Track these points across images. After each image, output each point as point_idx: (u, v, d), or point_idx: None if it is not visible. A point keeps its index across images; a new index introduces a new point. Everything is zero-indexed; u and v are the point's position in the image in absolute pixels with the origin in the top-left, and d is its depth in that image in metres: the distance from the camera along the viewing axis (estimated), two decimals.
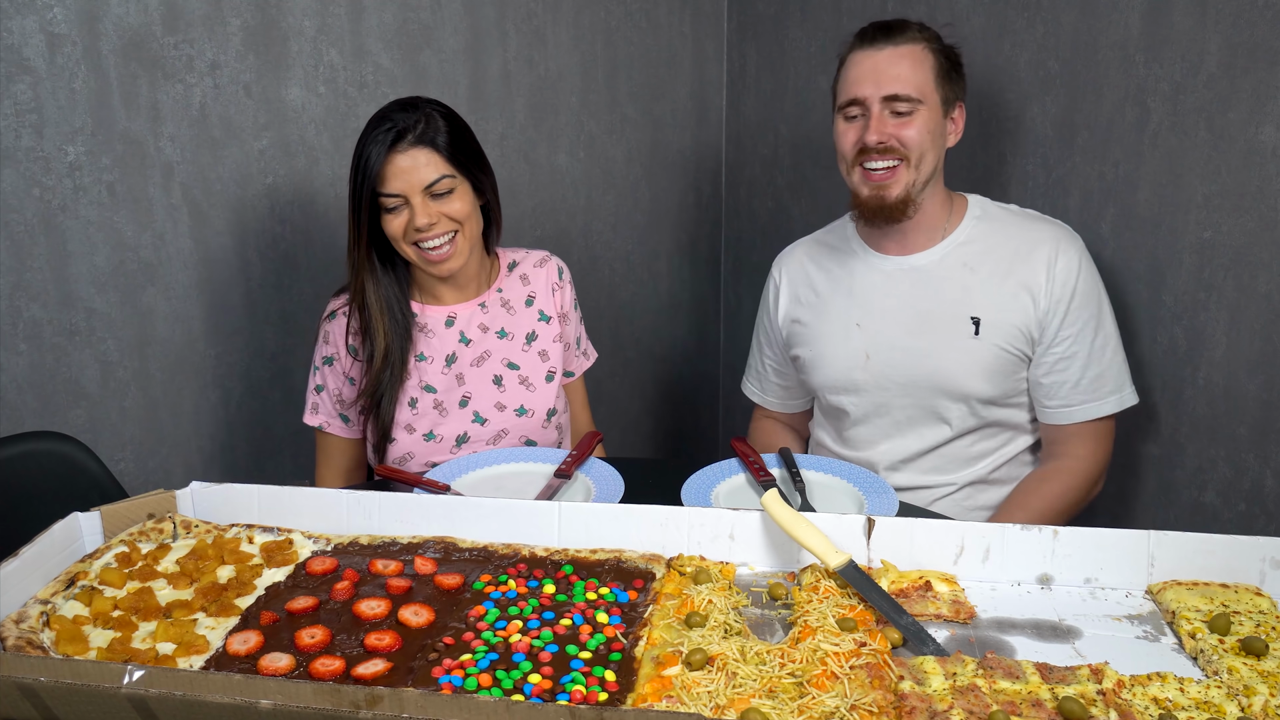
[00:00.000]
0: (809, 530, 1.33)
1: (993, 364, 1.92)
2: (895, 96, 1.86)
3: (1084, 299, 1.88)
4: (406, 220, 1.87)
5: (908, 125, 1.87)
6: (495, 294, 2.08)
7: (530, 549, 1.40)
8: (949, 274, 1.96)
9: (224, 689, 0.97)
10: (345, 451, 2.09)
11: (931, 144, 1.89)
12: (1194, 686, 1.10)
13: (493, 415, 2.01)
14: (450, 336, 2.03)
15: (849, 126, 1.94)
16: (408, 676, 1.13)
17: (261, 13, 2.40)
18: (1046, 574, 1.34)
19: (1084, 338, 1.88)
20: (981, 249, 1.95)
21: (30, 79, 2.16)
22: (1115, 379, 1.90)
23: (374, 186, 1.84)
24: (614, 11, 2.97)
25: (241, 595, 1.30)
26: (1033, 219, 1.97)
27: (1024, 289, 1.89)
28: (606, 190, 3.10)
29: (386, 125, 1.84)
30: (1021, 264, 1.91)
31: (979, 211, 2.00)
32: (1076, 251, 1.89)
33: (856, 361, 2.03)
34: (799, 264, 2.18)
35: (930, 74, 1.88)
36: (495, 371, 2.03)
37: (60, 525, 1.35)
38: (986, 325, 1.91)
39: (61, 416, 2.32)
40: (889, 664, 1.13)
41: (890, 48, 1.88)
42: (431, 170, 1.85)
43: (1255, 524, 1.73)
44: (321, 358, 2.03)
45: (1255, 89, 1.65)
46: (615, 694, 1.10)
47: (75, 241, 2.27)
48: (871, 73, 1.89)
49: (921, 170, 1.90)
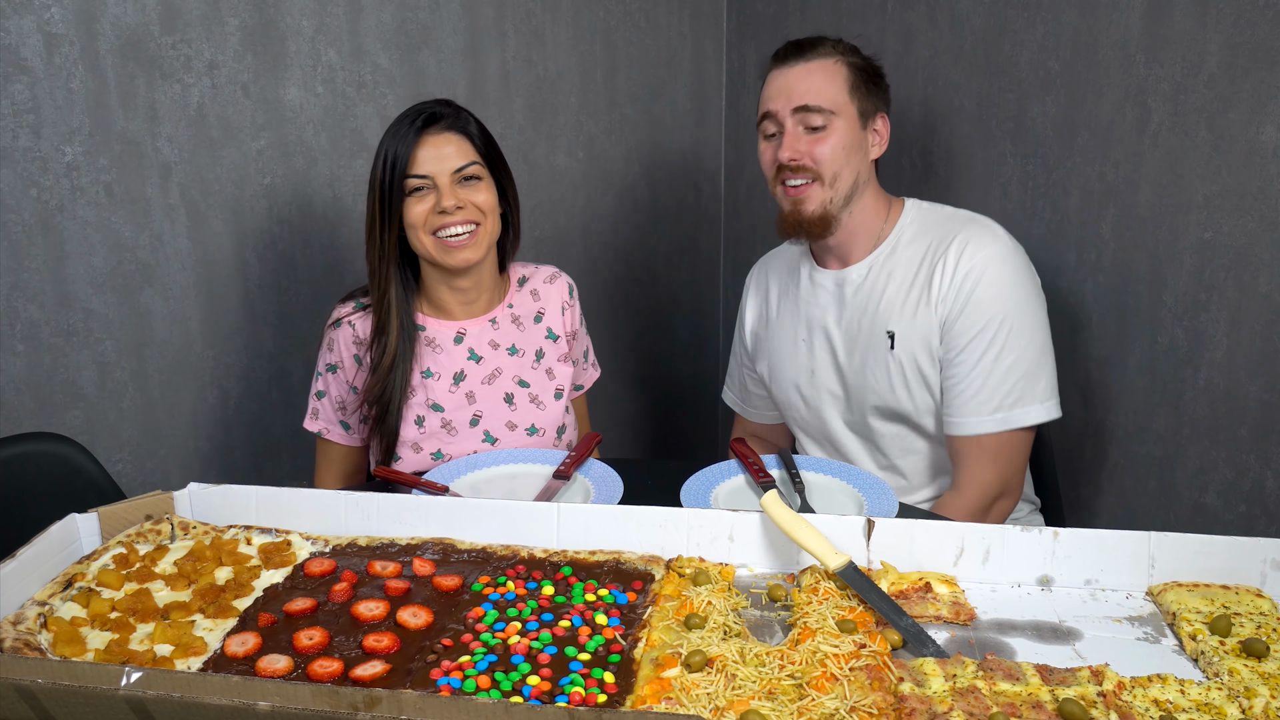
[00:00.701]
0: (808, 531, 1.32)
1: (912, 377, 1.91)
2: (806, 108, 1.87)
3: (979, 306, 1.82)
4: (430, 206, 1.85)
5: (820, 141, 1.87)
6: (506, 309, 2.05)
7: (529, 550, 1.39)
8: (874, 287, 1.95)
9: (222, 691, 0.97)
10: (345, 458, 2.07)
11: (847, 159, 1.89)
12: (1195, 688, 1.10)
13: (504, 434, 1.98)
14: (459, 353, 1.99)
15: (767, 145, 1.95)
16: (406, 678, 1.13)
17: (259, 13, 2.39)
18: (1047, 575, 1.33)
19: (973, 348, 1.83)
20: (904, 255, 1.93)
21: (28, 79, 2.16)
22: (1009, 395, 1.82)
23: (403, 169, 1.83)
24: (613, 11, 2.96)
25: (239, 597, 1.29)
26: (954, 221, 1.93)
27: (926, 294, 1.88)
28: (605, 191, 3.10)
29: (417, 112, 1.85)
30: (927, 268, 1.89)
31: (910, 217, 1.97)
32: (985, 254, 1.83)
33: (803, 378, 2.05)
34: (763, 276, 2.19)
35: (843, 86, 1.88)
36: (507, 389, 2.00)
37: (58, 527, 1.34)
38: (900, 339, 1.90)
39: (59, 417, 2.32)
40: (889, 665, 1.13)
41: (801, 64, 1.89)
42: (461, 156, 1.86)
43: (1256, 525, 1.73)
44: (325, 364, 2.00)
45: (1256, 89, 1.65)
46: (614, 696, 1.10)
47: (73, 242, 2.27)
48: (784, 88, 1.90)
49: (838, 188, 1.90)
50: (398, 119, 1.87)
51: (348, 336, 1.97)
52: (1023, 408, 1.84)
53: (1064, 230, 2.06)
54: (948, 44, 2.32)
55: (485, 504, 1.45)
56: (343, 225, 2.61)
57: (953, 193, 2.35)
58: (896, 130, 2.07)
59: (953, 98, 2.32)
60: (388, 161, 1.83)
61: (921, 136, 2.43)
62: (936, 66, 2.36)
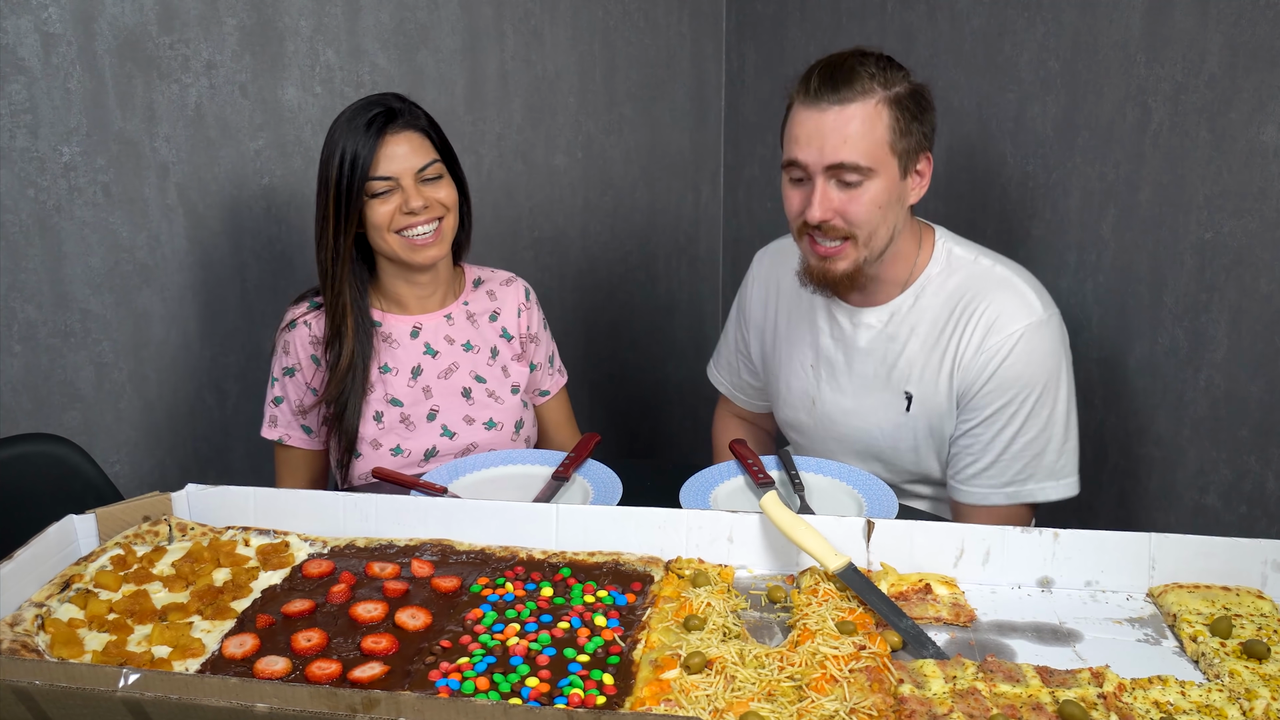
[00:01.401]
0: (808, 533, 1.32)
1: (927, 441, 1.82)
2: (841, 165, 1.64)
3: (1002, 384, 1.71)
4: (396, 206, 1.83)
5: (855, 201, 1.66)
6: (461, 306, 2.04)
7: (528, 551, 1.39)
8: (894, 337, 1.81)
9: (220, 692, 0.97)
10: (307, 464, 2.03)
11: (884, 217, 1.69)
12: (1195, 690, 1.10)
13: (461, 429, 1.98)
14: (415, 348, 1.98)
15: (794, 191, 1.72)
16: (404, 680, 1.13)
17: (257, 12, 2.39)
18: (1047, 577, 1.34)
19: (991, 422, 1.73)
20: (930, 313, 1.79)
21: (25, 79, 2.16)
22: (1023, 471, 1.74)
23: (365, 170, 1.80)
24: (612, 11, 2.96)
25: (237, 598, 1.29)
26: (986, 281, 1.77)
27: (946, 360, 1.76)
28: (604, 191, 3.09)
29: (373, 112, 1.82)
30: (951, 332, 1.76)
31: (941, 263, 1.80)
32: (1013, 330, 1.70)
33: (805, 404, 1.94)
34: (776, 273, 2.03)
35: (885, 134, 1.64)
36: (463, 384, 2.00)
37: (55, 528, 1.34)
38: (917, 402, 1.79)
39: (56, 419, 2.32)
40: (888, 667, 1.13)
41: (837, 108, 1.63)
42: (422, 155, 1.84)
43: (1257, 526, 1.73)
44: (281, 369, 1.97)
45: (1257, 89, 1.64)
46: (613, 697, 1.10)
47: (70, 242, 2.27)
48: (816, 136, 1.65)
49: (873, 245, 1.71)
50: (349, 116, 1.83)
51: (304, 337, 1.95)
52: (1037, 483, 1.75)
53: (1064, 230, 2.06)
54: (948, 44, 2.31)
55: (484, 505, 1.45)
56: None
57: (953, 194, 2.35)
58: None
59: (953, 98, 2.31)
60: (346, 162, 1.80)
61: None
62: (936, 66, 2.35)
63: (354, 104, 1.87)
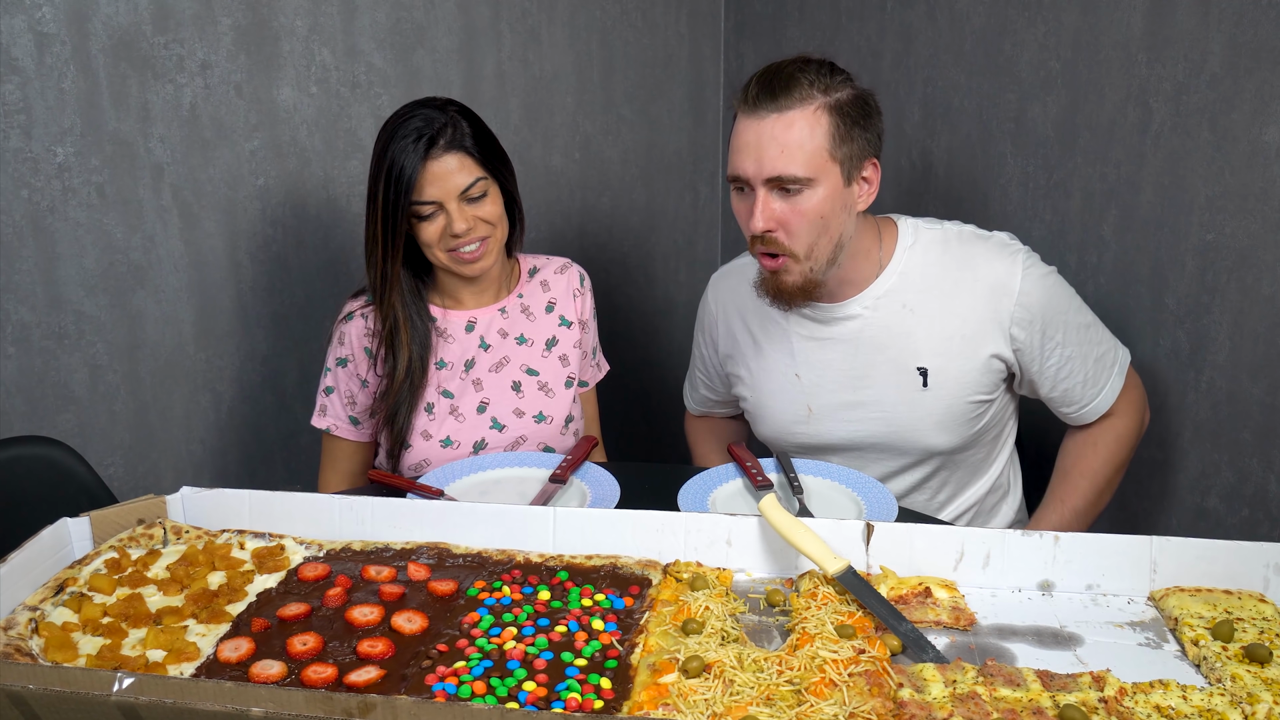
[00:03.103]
0: (807, 536, 1.32)
1: (946, 416, 1.80)
2: (779, 178, 1.64)
3: (1056, 306, 1.76)
4: (442, 226, 1.84)
5: (796, 210, 1.66)
6: (515, 299, 2.05)
7: (525, 555, 1.39)
8: (887, 320, 1.81)
9: (215, 697, 0.97)
10: (352, 456, 2.06)
11: (825, 227, 1.68)
12: (1197, 694, 1.09)
13: (511, 421, 1.99)
14: (470, 341, 2.00)
15: (739, 203, 1.74)
16: (401, 684, 1.12)
17: (253, 12, 2.38)
18: (1047, 580, 1.33)
19: (1071, 338, 1.77)
20: (919, 285, 1.80)
21: (19, 79, 2.15)
22: (1110, 345, 1.81)
23: (409, 194, 1.80)
24: (610, 11, 2.95)
25: (233, 602, 1.29)
26: (969, 243, 1.80)
27: (982, 332, 1.77)
28: (602, 192, 3.09)
29: (416, 131, 1.80)
30: (971, 302, 1.77)
31: (910, 239, 1.82)
32: (1020, 270, 1.75)
33: (798, 415, 1.90)
34: (731, 297, 2.01)
35: (824, 142, 1.63)
36: (514, 377, 2.01)
37: (49, 531, 1.33)
38: (936, 375, 1.79)
39: (50, 421, 2.31)
40: (888, 671, 1.12)
41: (775, 115, 1.63)
42: (465, 175, 1.82)
43: (1259, 529, 1.72)
44: (335, 359, 1.99)
45: (1259, 89, 1.64)
46: (611, 702, 1.09)
47: (64, 244, 2.26)
48: (754, 146, 1.65)
49: (816, 258, 1.71)
50: (399, 132, 1.81)
51: (359, 329, 1.97)
52: (1119, 344, 1.84)
53: (1065, 232, 2.05)
54: (948, 44, 2.31)
55: (481, 508, 1.44)
56: (337, 227, 2.60)
57: (952, 194, 2.34)
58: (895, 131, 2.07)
59: (953, 98, 2.31)
60: (392, 183, 1.80)
61: (921, 137, 2.43)
62: (936, 66, 2.35)
63: (402, 112, 1.85)
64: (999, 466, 1.95)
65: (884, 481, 1.86)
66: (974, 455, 1.89)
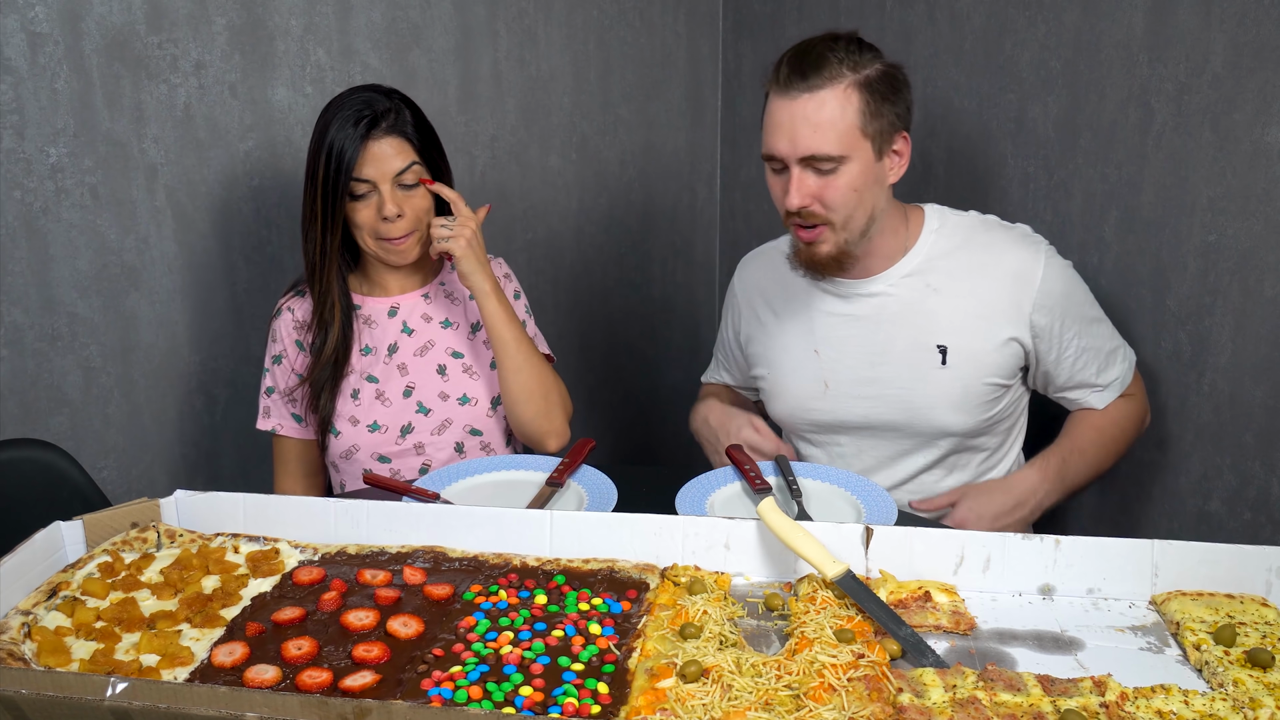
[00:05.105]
0: (806, 539, 1.31)
1: (962, 396, 1.83)
2: (813, 156, 1.70)
3: (1074, 298, 1.82)
4: (374, 209, 1.88)
5: (830, 186, 1.73)
6: (438, 286, 2.09)
7: (522, 559, 1.38)
8: (911, 298, 1.85)
9: (209, 701, 0.97)
10: (301, 455, 2.08)
11: (860, 200, 1.75)
12: (1199, 699, 1.09)
13: (436, 405, 2.01)
14: (393, 326, 2.03)
15: (775, 180, 1.81)
16: (396, 689, 1.12)
17: (247, 12, 2.37)
18: (1048, 584, 1.33)
19: (1087, 329, 1.83)
20: (944, 267, 1.85)
21: (11, 79, 2.14)
22: (1119, 342, 1.87)
23: (349, 171, 1.84)
24: (607, 10, 2.95)
25: (227, 606, 1.28)
26: (994, 230, 1.87)
27: (1002, 315, 1.81)
28: (599, 193, 3.08)
29: (358, 113, 1.85)
30: (994, 285, 1.81)
31: (936, 223, 1.88)
32: (1043, 260, 1.80)
33: (815, 391, 1.93)
34: (756, 278, 2.08)
35: (855, 119, 1.70)
36: (439, 361, 2.04)
37: (42, 534, 1.33)
38: (955, 353, 1.82)
39: (43, 423, 2.30)
40: (887, 676, 1.12)
41: (807, 95, 1.69)
42: (401, 160, 1.87)
43: (1261, 533, 1.72)
44: (271, 358, 2.04)
45: (1261, 89, 1.64)
46: (608, 706, 1.09)
47: (57, 245, 2.25)
48: (788, 126, 1.71)
49: (852, 228, 1.77)
50: (339, 113, 1.86)
51: (288, 323, 2.02)
52: (1123, 341, 1.88)
53: (1066, 233, 2.05)
54: (948, 44, 2.31)
55: (477, 511, 1.44)
56: None
57: (953, 194, 2.34)
58: None
59: (953, 98, 2.31)
60: (332, 160, 1.85)
61: (921, 137, 2.42)
62: (936, 66, 2.35)
63: (345, 95, 1.90)
64: (1007, 464, 1.96)
65: (895, 463, 1.92)
66: (985, 443, 1.91)
